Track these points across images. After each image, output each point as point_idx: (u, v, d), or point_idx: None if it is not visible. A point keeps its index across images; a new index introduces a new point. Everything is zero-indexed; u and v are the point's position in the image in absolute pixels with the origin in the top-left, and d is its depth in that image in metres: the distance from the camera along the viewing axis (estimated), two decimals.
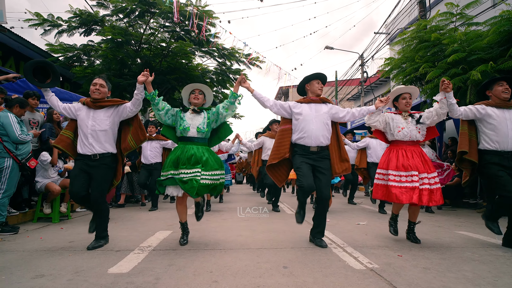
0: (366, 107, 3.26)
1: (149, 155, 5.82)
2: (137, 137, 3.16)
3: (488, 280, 2.15)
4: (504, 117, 3.13)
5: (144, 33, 8.72)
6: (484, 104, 3.24)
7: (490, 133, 3.15)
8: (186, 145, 2.99)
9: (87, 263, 2.46)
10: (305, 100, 3.25)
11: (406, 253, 2.81)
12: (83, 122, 2.98)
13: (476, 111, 3.19)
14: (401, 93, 3.31)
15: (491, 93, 3.29)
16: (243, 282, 2.07)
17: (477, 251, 2.91)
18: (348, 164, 3.21)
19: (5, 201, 3.61)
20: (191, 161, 2.87)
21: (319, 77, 3.27)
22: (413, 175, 3.03)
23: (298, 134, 3.13)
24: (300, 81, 3.38)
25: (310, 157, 3.09)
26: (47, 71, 3.05)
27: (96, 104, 3.01)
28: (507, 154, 3.08)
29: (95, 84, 3.02)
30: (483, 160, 3.18)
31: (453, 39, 5.83)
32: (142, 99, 3.01)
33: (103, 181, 2.97)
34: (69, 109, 3.06)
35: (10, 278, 2.13)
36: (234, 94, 3.09)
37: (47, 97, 3.01)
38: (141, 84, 2.92)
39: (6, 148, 3.67)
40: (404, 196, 2.99)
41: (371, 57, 14.93)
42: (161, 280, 2.11)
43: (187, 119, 3.02)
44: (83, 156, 2.96)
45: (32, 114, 4.64)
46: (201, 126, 3.00)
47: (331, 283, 2.08)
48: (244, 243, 3.17)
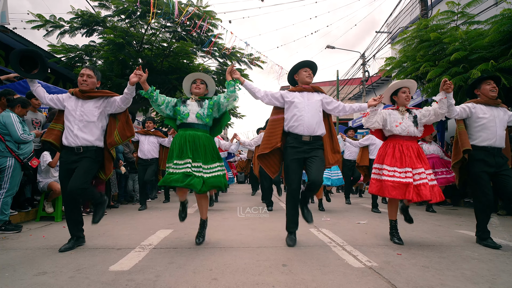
0: (358, 104, 3.20)
1: (146, 150, 5.82)
2: (123, 132, 3.02)
3: (487, 278, 2.15)
4: (493, 114, 3.20)
5: (145, 33, 8.75)
6: (474, 102, 3.30)
7: (479, 130, 3.21)
8: (186, 131, 2.90)
9: (89, 261, 2.48)
10: (297, 88, 3.18)
11: (405, 252, 2.81)
12: (71, 112, 2.86)
13: (468, 110, 3.25)
14: (400, 87, 3.30)
15: (479, 92, 3.35)
16: (242, 280, 2.09)
17: (476, 250, 2.91)
18: (340, 156, 3.19)
19: (8, 200, 3.65)
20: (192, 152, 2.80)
21: (305, 65, 3.20)
22: (407, 171, 3.02)
23: (290, 123, 3.06)
24: (288, 72, 3.32)
25: (301, 149, 3.00)
26: (35, 61, 2.87)
27: (85, 95, 2.89)
28: (493, 150, 3.14)
29: (82, 74, 2.90)
30: (469, 157, 3.24)
31: (454, 38, 5.82)
32: (131, 97, 2.92)
33: (83, 173, 2.76)
34: (56, 100, 2.93)
35: (13, 275, 2.17)
36: (229, 82, 2.99)
37: (32, 88, 2.89)
38: (132, 86, 2.84)
39: (8, 148, 3.71)
40: (396, 191, 2.98)
41: (373, 56, 14.87)
42: (161, 277, 2.13)
43: (187, 106, 2.96)
44: (67, 149, 2.84)
45: (35, 114, 4.68)
46: (201, 112, 2.92)
47: (329, 281, 2.09)
48: (244, 241, 3.19)
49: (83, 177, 2.76)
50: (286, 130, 3.12)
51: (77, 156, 2.81)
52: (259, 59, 9.87)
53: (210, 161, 2.90)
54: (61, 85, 9.51)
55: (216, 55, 9.56)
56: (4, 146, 3.70)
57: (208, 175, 2.86)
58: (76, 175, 2.76)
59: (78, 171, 2.78)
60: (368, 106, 3.10)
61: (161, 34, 9.13)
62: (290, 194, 3.07)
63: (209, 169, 2.89)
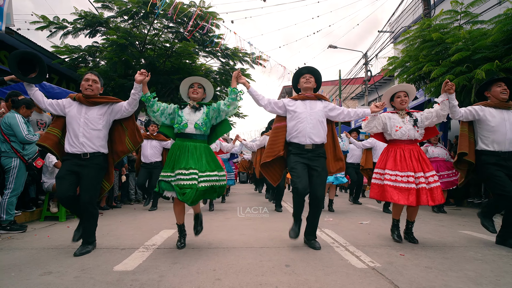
0: (362, 110, 3.19)
1: (149, 154, 5.82)
2: (135, 139, 3.02)
3: (490, 279, 2.15)
4: (503, 118, 3.14)
5: (148, 33, 8.78)
6: (483, 105, 3.24)
7: (488, 134, 3.15)
8: (184, 142, 2.84)
9: (93, 261, 2.51)
10: (299, 96, 3.16)
11: (408, 252, 2.81)
12: (74, 120, 2.76)
13: (475, 112, 3.20)
14: (395, 92, 3.29)
15: (489, 94, 3.30)
16: (246, 280, 2.10)
17: (480, 251, 2.90)
18: (343, 163, 3.17)
19: (13, 200, 3.69)
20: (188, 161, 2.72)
21: (301, 73, 3.19)
22: (409, 175, 3.02)
23: (292, 133, 3.04)
24: (292, 81, 3.34)
25: (305, 155, 2.99)
26: (34, 64, 2.77)
27: (89, 100, 2.82)
28: (504, 154, 3.08)
29: (87, 79, 2.83)
30: (481, 161, 3.18)
31: (457, 38, 5.79)
32: (139, 99, 2.87)
33: (94, 182, 2.77)
34: (56, 105, 2.82)
35: (19, 275, 2.19)
36: (233, 89, 2.92)
37: (30, 92, 2.77)
38: (139, 84, 2.78)
39: (14, 148, 3.75)
40: (399, 196, 2.98)
41: (375, 55, 14.84)
42: (165, 277, 2.15)
43: (184, 115, 2.87)
44: (71, 155, 2.75)
45: (40, 115, 4.72)
46: (199, 122, 2.85)
47: (332, 281, 2.10)
48: (247, 242, 3.20)
49: (94, 186, 2.78)
50: (288, 140, 3.10)
51: (84, 161, 2.75)
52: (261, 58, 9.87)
53: (209, 169, 2.79)
54: (64, 85, 9.56)
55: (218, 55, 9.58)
56: (9, 146, 3.74)
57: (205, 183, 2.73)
58: (85, 186, 2.73)
59: (86, 181, 2.73)
60: (372, 112, 3.08)
61: (163, 34, 9.16)
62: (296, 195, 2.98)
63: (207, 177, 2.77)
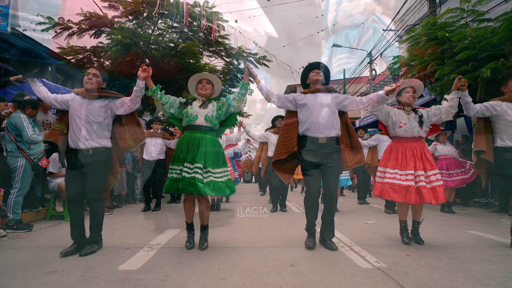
0: (374, 93, 3.03)
1: (153, 151, 5.81)
2: (136, 136, 3.03)
3: (498, 280, 2.12)
4: None
5: (152, 33, 8.82)
6: (500, 100, 3.17)
7: (507, 130, 3.07)
8: (193, 133, 2.83)
9: (98, 260, 2.52)
10: (309, 90, 3.13)
11: (414, 253, 2.79)
12: (76, 113, 2.77)
13: (492, 108, 3.13)
14: (404, 87, 3.24)
15: (506, 89, 3.22)
16: (250, 280, 2.10)
17: (487, 251, 2.87)
18: (361, 156, 3.08)
19: (19, 200, 3.72)
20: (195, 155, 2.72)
21: (312, 68, 3.18)
22: (408, 173, 2.99)
23: (305, 125, 2.99)
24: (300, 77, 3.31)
25: (319, 153, 2.93)
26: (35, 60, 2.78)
27: (91, 94, 2.84)
28: None
29: (88, 74, 2.86)
30: (500, 158, 3.10)
31: (463, 36, 5.72)
32: (141, 95, 2.85)
33: (98, 179, 2.78)
34: (61, 100, 2.84)
35: (25, 274, 2.21)
36: (245, 85, 2.97)
37: (34, 88, 2.78)
38: (142, 81, 2.78)
39: (19, 148, 3.79)
40: (396, 194, 2.97)
41: (380, 54, 14.73)
42: (170, 277, 2.15)
43: (194, 108, 2.89)
44: (74, 151, 2.76)
45: (45, 116, 4.76)
46: (210, 114, 2.86)
47: (337, 281, 2.08)
48: (252, 241, 3.19)
49: (99, 183, 2.80)
50: (301, 133, 3.04)
51: (87, 158, 2.74)
52: (265, 58, 9.87)
53: (216, 165, 2.81)
54: (69, 86, 9.64)
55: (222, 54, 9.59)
56: (15, 146, 3.77)
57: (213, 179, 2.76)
58: (89, 184, 2.74)
59: (90, 179, 2.74)
60: (385, 92, 2.92)
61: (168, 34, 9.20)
62: (309, 196, 2.98)
63: (215, 174, 2.79)
